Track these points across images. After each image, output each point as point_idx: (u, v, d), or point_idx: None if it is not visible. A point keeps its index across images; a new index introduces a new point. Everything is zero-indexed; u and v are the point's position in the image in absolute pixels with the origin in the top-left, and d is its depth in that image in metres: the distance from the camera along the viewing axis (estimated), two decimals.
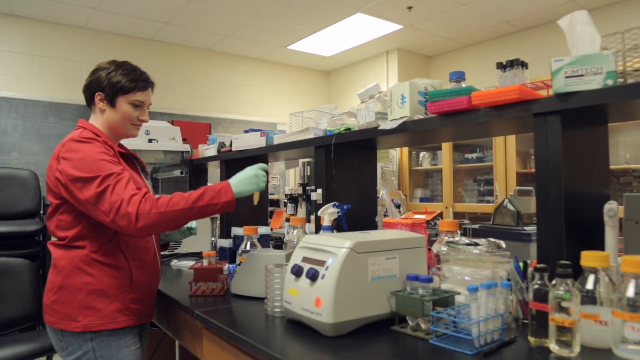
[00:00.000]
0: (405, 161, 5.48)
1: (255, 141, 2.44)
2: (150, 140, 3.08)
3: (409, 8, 4.69)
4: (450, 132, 1.68)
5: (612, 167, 3.95)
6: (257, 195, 1.65)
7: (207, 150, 3.10)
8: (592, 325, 1.08)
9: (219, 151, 2.85)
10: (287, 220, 2.25)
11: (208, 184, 2.11)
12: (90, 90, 1.72)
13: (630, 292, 1.02)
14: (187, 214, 1.49)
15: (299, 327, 1.26)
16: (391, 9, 4.72)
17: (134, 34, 5.39)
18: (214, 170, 4.74)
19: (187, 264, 2.37)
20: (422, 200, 5.38)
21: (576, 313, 1.05)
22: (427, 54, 6.16)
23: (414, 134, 1.66)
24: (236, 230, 2.29)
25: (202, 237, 2.69)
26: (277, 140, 2.28)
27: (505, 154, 4.47)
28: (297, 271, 1.26)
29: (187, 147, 3.23)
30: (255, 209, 2.80)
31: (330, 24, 5.12)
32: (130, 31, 5.32)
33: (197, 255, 2.55)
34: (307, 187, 2.40)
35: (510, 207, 1.91)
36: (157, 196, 1.50)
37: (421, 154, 5.44)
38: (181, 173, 3.33)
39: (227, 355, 1.33)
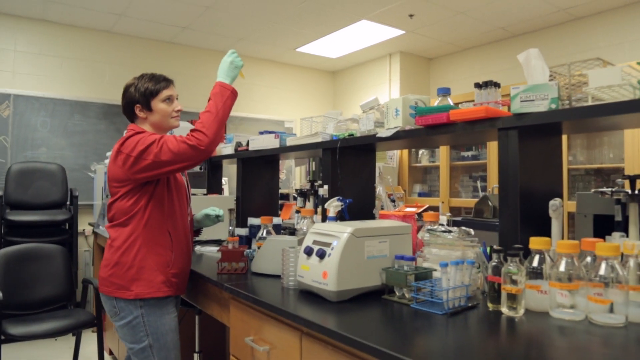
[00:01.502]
0: (405, 158, 5.80)
1: (269, 142, 2.77)
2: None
3: (410, 16, 5.00)
4: (434, 140, 2.01)
5: (599, 165, 4.27)
6: (241, 73, 2.07)
7: (224, 148, 3.43)
8: (535, 294, 1.41)
9: (236, 150, 3.18)
10: (297, 212, 2.58)
11: (223, 179, 2.42)
12: (129, 107, 2.06)
13: (562, 267, 1.34)
14: (219, 116, 1.91)
15: (309, 296, 1.60)
16: (394, 17, 5.04)
17: (154, 37, 5.73)
18: (227, 166, 5.07)
19: (208, 249, 2.71)
20: (420, 195, 5.71)
21: (522, 284, 1.38)
22: (428, 57, 6.46)
23: (405, 140, 1.98)
24: (252, 221, 2.62)
25: (220, 226, 3.03)
26: (290, 142, 2.61)
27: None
28: (308, 251, 1.59)
29: None
30: (267, 203, 3.14)
31: (336, 29, 5.44)
32: (150, 35, 5.65)
33: (217, 242, 2.89)
34: (315, 183, 2.72)
35: (489, 202, 2.24)
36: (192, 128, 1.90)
37: (420, 152, 5.76)
38: (200, 169, 3.67)
39: (252, 319, 1.67)
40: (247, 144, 3.05)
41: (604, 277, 1.28)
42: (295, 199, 3.26)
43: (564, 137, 2.10)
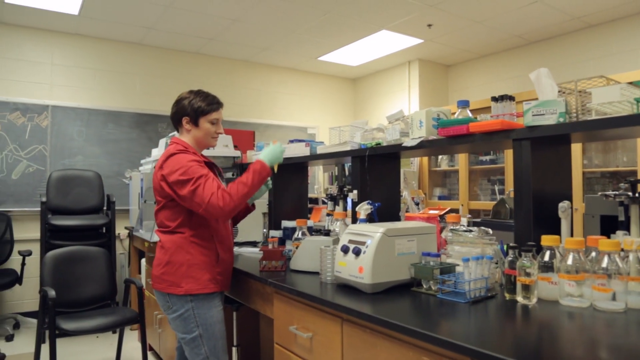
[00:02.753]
0: (425, 163, 5.99)
1: (300, 150, 2.99)
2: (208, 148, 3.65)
3: (429, 25, 5.19)
4: (454, 148, 2.21)
5: (614, 169, 4.41)
6: (276, 166, 2.30)
7: (255, 155, 3.66)
8: (547, 285, 1.60)
9: None
10: (329, 215, 2.80)
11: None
12: (177, 116, 2.29)
13: (570, 261, 1.54)
14: (250, 191, 2.13)
15: (346, 288, 1.81)
16: (413, 27, 5.24)
17: (181, 48, 6.00)
18: None
19: (245, 250, 2.94)
20: (440, 198, 5.89)
21: (534, 276, 1.57)
22: (446, 64, 6.65)
23: (428, 149, 2.19)
24: (285, 223, 2.84)
25: (255, 229, 3.26)
26: (320, 150, 2.83)
27: None
28: (345, 249, 1.80)
29: (237, 153, 3.81)
30: (297, 207, 3.36)
31: (357, 39, 5.66)
32: (178, 46, 5.92)
33: (252, 244, 3.11)
34: (344, 188, 2.93)
35: (505, 205, 2.43)
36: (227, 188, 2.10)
37: (440, 157, 5.94)
38: (232, 175, 3.90)
39: (295, 310, 1.89)
40: None
41: (606, 269, 1.47)
42: (324, 202, 3.47)
43: (579, 143, 2.27)
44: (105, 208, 4.98)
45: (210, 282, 2.20)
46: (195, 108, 2.27)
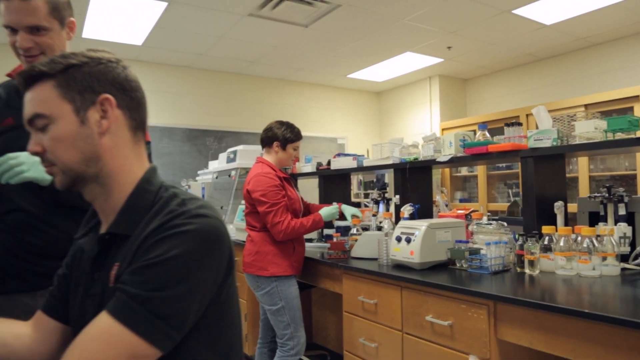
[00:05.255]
0: (447, 169, 6.63)
1: (348, 163, 3.67)
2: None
3: (449, 47, 5.86)
4: (476, 163, 2.86)
5: (618, 172, 5.01)
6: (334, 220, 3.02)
7: (304, 167, 4.33)
8: (546, 261, 2.24)
9: (317, 168, 4.08)
10: (374, 215, 3.45)
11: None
12: (270, 140, 2.99)
13: (562, 243, 2.18)
14: (305, 232, 2.87)
15: (399, 267, 2.47)
16: (434, 49, 5.91)
17: (226, 70, 6.73)
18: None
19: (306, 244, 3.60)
20: (461, 200, 6.52)
21: (537, 254, 2.22)
22: (464, 78, 7.30)
23: (456, 163, 2.85)
24: (338, 223, 3.52)
25: None
26: (366, 163, 3.51)
27: None
28: (399, 238, 2.47)
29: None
30: None
31: (384, 59, 6.34)
32: (224, 68, 6.66)
33: (308, 240, 3.78)
34: (385, 193, 3.59)
35: (518, 205, 3.08)
36: (293, 220, 2.83)
37: None
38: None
39: (361, 284, 2.55)
40: (328, 164, 3.95)
41: (587, 248, 2.12)
42: (366, 205, 4.13)
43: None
44: None
45: (289, 267, 2.88)
46: (286, 137, 2.96)
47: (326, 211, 2.98)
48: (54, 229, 1.53)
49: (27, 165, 1.36)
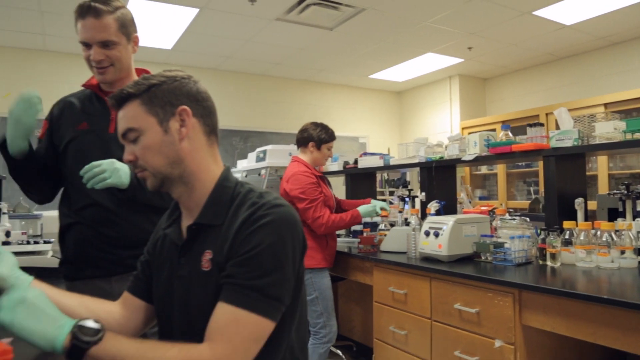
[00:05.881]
0: (467, 168, 6.76)
1: (375, 162, 3.83)
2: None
3: (469, 48, 5.99)
4: (500, 161, 3.01)
5: (636, 170, 5.10)
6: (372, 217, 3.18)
7: (331, 165, 4.50)
8: (567, 254, 2.39)
9: (344, 167, 4.25)
10: (400, 212, 3.60)
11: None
12: (305, 140, 3.16)
13: (582, 237, 2.33)
14: (343, 227, 3.06)
15: (428, 260, 2.63)
16: (455, 49, 6.04)
17: (251, 71, 6.93)
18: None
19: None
20: (480, 198, 6.64)
21: (558, 248, 2.37)
22: (483, 77, 7.41)
23: (480, 162, 3.00)
24: (366, 219, 3.68)
25: None
26: (393, 162, 3.67)
27: None
28: (427, 233, 2.63)
29: None
30: None
31: (405, 60, 6.49)
32: (249, 70, 6.86)
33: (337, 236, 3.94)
34: (411, 191, 3.74)
35: (539, 202, 3.22)
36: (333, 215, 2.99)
37: None
38: None
39: (391, 276, 2.72)
40: (355, 162, 4.11)
41: (606, 242, 2.26)
42: (391, 202, 4.30)
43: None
44: None
45: (323, 260, 3.06)
46: (320, 137, 3.13)
47: (364, 209, 3.15)
48: (126, 222, 1.72)
49: (108, 172, 1.56)
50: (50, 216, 4.93)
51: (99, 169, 1.55)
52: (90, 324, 1.02)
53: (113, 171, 1.57)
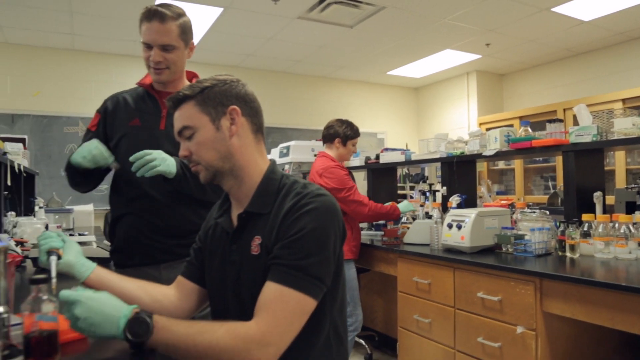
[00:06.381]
0: (484, 163, 6.83)
1: (397, 157, 3.94)
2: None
3: (487, 45, 6.06)
4: (520, 156, 3.11)
5: None
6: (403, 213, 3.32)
7: (353, 160, 4.62)
8: (586, 245, 2.49)
9: (366, 162, 4.37)
10: (421, 205, 3.71)
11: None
12: (332, 137, 3.29)
13: (600, 229, 2.42)
14: (381, 217, 3.19)
15: (450, 251, 2.74)
16: (473, 46, 6.12)
17: (272, 69, 7.06)
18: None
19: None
20: (498, 193, 6.71)
21: (577, 239, 2.47)
22: (500, 73, 7.47)
23: (500, 157, 3.10)
24: None
25: None
26: (414, 157, 3.78)
27: None
28: (450, 225, 2.74)
29: None
30: (390, 200, 4.30)
31: (423, 57, 6.57)
32: (270, 67, 6.99)
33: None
34: (432, 185, 3.86)
35: (558, 196, 3.31)
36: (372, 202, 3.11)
37: None
38: None
39: (415, 266, 2.84)
40: (376, 158, 4.23)
41: (624, 234, 2.36)
42: (411, 197, 4.41)
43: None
44: None
45: (349, 251, 3.18)
46: (346, 134, 3.26)
47: (404, 206, 3.32)
48: (174, 213, 1.86)
49: (158, 160, 1.69)
50: (80, 211, 5.13)
51: (149, 157, 1.68)
52: (141, 319, 1.10)
53: (162, 160, 1.69)
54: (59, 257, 1.29)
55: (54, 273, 1.23)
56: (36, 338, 1.00)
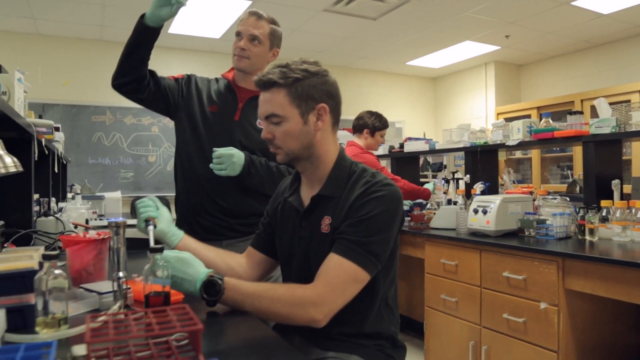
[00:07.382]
0: (504, 152, 6.99)
1: (421, 146, 4.12)
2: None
3: (507, 36, 6.19)
4: (541, 146, 3.28)
5: None
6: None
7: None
8: (604, 229, 2.67)
9: (390, 151, 4.55)
10: (444, 192, 3.90)
11: None
12: (361, 127, 3.48)
13: (618, 214, 2.60)
14: (415, 193, 3.39)
15: (476, 235, 2.93)
16: (492, 37, 6.26)
17: (292, 59, 7.22)
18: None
19: None
20: (514, 182, 6.87)
21: (596, 224, 2.65)
22: (518, 64, 7.59)
23: (522, 147, 3.28)
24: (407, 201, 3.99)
25: None
26: (438, 147, 3.96)
27: None
28: (476, 210, 2.93)
29: None
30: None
31: (443, 47, 6.72)
32: (291, 58, 7.12)
33: None
34: (455, 174, 4.03)
35: (576, 184, 3.48)
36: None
37: None
38: None
39: (442, 249, 3.03)
40: (400, 147, 4.41)
41: None
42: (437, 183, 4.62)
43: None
44: None
45: None
46: (375, 125, 3.45)
47: (430, 187, 3.58)
48: (238, 195, 2.06)
49: (225, 165, 1.90)
50: (110, 197, 5.37)
51: (218, 161, 1.89)
52: (214, 281, 1.30)
53: (229, 165, 1.90)
54: (155, 226, 1.49)
55: (152, 241, 1.43)
56: (153, 298, 1.20)
